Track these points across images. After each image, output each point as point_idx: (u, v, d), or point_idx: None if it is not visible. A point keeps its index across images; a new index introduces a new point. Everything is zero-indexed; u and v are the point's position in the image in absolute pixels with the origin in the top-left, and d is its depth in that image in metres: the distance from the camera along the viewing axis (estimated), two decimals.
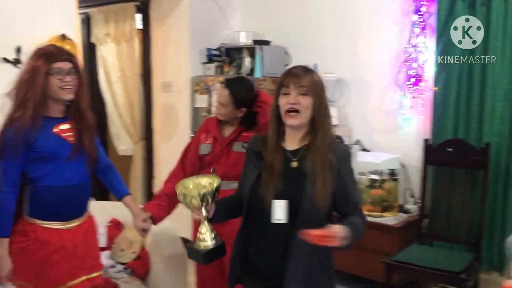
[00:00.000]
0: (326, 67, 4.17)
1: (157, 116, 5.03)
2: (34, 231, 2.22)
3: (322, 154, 1.87)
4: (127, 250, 3.19)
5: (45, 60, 2.15)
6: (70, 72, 2.19)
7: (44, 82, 2.14)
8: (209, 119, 2.89)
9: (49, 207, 2.22)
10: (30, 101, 2.13)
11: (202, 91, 4.46)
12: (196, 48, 4.61)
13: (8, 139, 2.14)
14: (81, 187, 2.30)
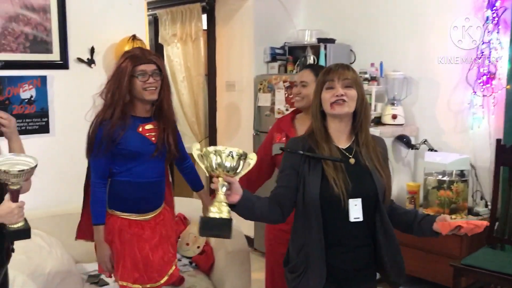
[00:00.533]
0: (393, 65, 4.09)
1: (220, 115, 5.11)
2: (116, 222, 2.36)
3: (373, 147, 1.93)
4: (192, 244, 3.27)
5: (130, 63, 2.26)
6: (153, 73, 2.28)
7: (128, 83, 2.25)
8: (282, 118, 2.82)
9: (126, 200, 2.36)
10: (118, 101, 2.26)
11: (265, 90, 4.49)
12: (260, 47, 4.65)
13: (99, 136, 2.28)
14: (157, 184, 2.42)
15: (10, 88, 3.18)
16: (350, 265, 1.90)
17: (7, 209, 1.87)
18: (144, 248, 2.36)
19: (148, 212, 2.41)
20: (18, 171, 1.85)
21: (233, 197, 1.73)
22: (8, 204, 1.88)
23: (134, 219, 2.38)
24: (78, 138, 3.33)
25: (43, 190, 3.20)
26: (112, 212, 2.38)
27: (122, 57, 2.33)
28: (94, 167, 2.34)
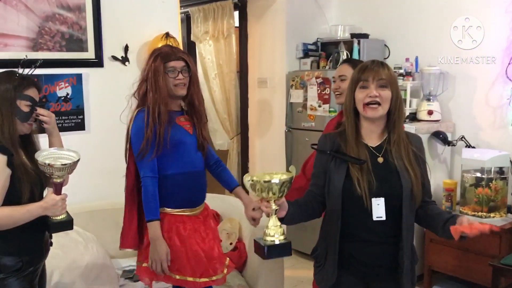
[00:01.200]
0: (428, 60, 4.01)
1: (252, 111, 5.10)
2: (170, 221, 2.33)
3: (405, 146, 1.91)
4: (225, 241, 3.27)
5: (161, 60, 2.29)
6: (182, 70, 2.32)
7: (164, 81, 2.29)
8: (329, 122, 2.75)
9: (176, 195, 2.35)
10: (160, 98, 2.28)
11: (298, 86, 4.46)
12: (292, 43, 4.62)
13: (141, 130, 2.28)
14: (202, 174, 2.44)
15: (47, 86, 3.25)
16: (372, 260, 1.90)
17: (52, 201, 1.95)
18: (204, 242, 2.37)
19: (197, 206, 2.42)
20: (61, 165, 1.94)
21: (281, 214, 1.84)
22: (52, 197, 1.96)
23: (186, 214, 2.37)
24: (112, 135, 3.40)
25: (79, 186, 3.24)
26: (164, 211, 2.34)
27: (152, 55, 2.36)
28: (143, 163, 2.28)
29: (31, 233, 2.00)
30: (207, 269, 2.35)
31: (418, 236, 3.89)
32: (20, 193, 1.94)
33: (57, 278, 2.55)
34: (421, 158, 1.95)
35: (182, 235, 2.33)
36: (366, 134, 1.94)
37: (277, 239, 1.80)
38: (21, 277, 1.96)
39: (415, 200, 1.89)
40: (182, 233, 2.34)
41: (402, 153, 1.89)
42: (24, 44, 3.16)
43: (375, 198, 1.85)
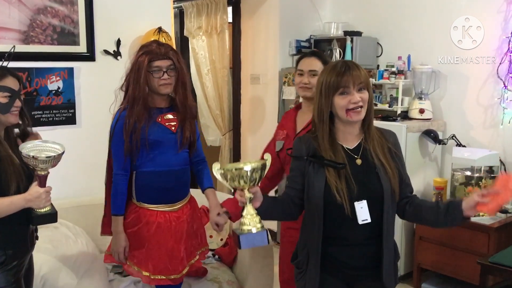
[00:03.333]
0: (420, 58, 4.02)
1: (245, 108, 5.10)
2: (144, 215, 2.38)
3: (381, 143, 1.91)
4: (216, 237, 3.27)
5: (146, 58, 2.28)
6: (168, 69, 2.31)
7: (146, 79, 2.29)
8: (287, 112, 2.74)
9: (153, 191, 2.37)
10: (139, 95, 2.29)
11: (290, 83, 4.46)
12: (285, 40, 4.62)
13: (119, 128, 2.32)
14: (181, 172, 2.42)
15: (38, 80, 3.23)
16: (356, 261, 1.90)
17: (36, 194, 1.93)
18: (170, 240, 2.38)
19: (176, 202, 2.43)
20: (46, 157, 1.92)
21: (255, 204, 1.79)
22: (36, 189, 1.94)
23: (162, 210, 2.39)
24: (103, 130, 3.36)
25: (69, 181, 3.25)
26: (140, 205, 2.40)
27: (139, 50, 2.35)
28: (116, 159, 2.36)
29: (15, 226, 1.98)
30: (166, 267, 2.37)
31: (407, 234, 3.91)
32: (6, 186, 1.93)
33: (45, 272, 2.54)
34: (397, 154, 1.94)
35: (151, 230, 2.37)
36: (343, 136, 1.92)
37: (254, 227, 1.75)
38: (6, 271, 1.95)
39: (395, 197, 1.88)
40: (151, 229, 2.37)
41: (377, 150, 1.88)
42: (16, 36, 3.14)
43: (357, 202, 1.84)
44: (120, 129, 2.32)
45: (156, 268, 2.36)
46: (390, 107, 4.06)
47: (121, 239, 2.37)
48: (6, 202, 1.91)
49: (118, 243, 2.38)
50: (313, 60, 2.49)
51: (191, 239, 2.50)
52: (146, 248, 2.37)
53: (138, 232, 2.37)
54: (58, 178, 2.11)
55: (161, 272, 2.37)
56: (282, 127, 2.63)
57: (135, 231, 2.38)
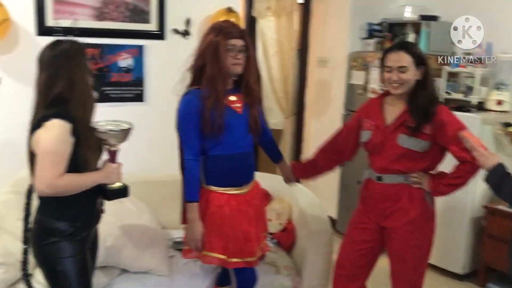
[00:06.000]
0: (502, 46, 3.77)
1: (310, 91, 5.02)
2: (215, 198, 2.35)
3: None
4: (274, 221, 3.25)
5: (223, 37, 2.23)
6: (241, 49, 2.26)
7: (224, 58, 2.23)
8: (370, 102, 2.62)
9: (222, 174, 2.35)
10: (217, 75, 2.24)
11: (359, 68, 4.33)
12: (357, 23, 4.47)
13: (190, 111, 2.28)
14: (248, 155, 2.43)
15: (109, 56, 3.30)
16: None
17: (110, 169, 2.02)
18: (243, 223, 2.37)
19: (244, 185, 2.41)
20: (120, 130, 2.02)
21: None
22: (109, 165, 2.03)
23: (232, 193, 2.37)
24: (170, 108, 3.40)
25: (135, 157, 3.32)
26: (210, 188, 2.36)
27: (212, 30, 2.30)
28: (187, 144, 2.32)
29: (84, 200, 2.05)
30: (242, 250, 2.36)
31: (474, 230, 3.73)
32: (84, 161, 1.99)
33: (109, 244, 2.62)
34: None
35: (224, 213, 2.34)
36: None
37: None
38: (73, 241, 2.02)
39: None
40: (224, 212, 2.34)
41: None
42: (90, 13, 3.21)
43: None
44: (190, 112, 2.27)
45: (232, 251, 2.34)
46: (465, 97, 3.85)
47: (198, 226, 2.31)
48: (83, 178, 1.97)
49: (196, 230, 2.31)
50: (401, 55, 2.35)
51: (260, 222, 2.50)
52: (221, 231, 2.34)
53: (211, 216, 2.34)
54: (124, 154, 2.15)
55: (237, 254, 2.35)
56: (368, 116, 2.53)
57: (208, 215, 2.34)
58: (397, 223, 2.43)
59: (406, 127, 2.35)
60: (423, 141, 2.34)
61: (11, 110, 3.02)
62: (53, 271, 2.00)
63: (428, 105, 2.33)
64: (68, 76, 1.95)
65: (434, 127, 2.32)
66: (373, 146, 2.48)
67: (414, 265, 2.47)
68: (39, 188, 1.89)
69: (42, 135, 1.89)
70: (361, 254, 2.58)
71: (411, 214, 2.41)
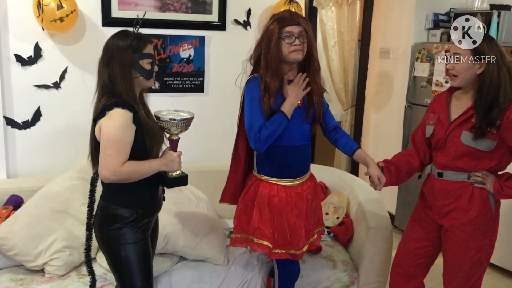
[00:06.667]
0: None
1: (371, 83, 4.90)
2: (265, 187, 2.36)
3: None
4: (332, 214, 3.21)
5: (277, 25, 2.22)
6: (299, 35, 2.22)
7: (277, 45, 2.21)
8: (439, 95, 2.52)
9: (274, 165, 2.35)
10: (271, 63, 2.22)
11: (424, 59, 4.17)
12: (422, 12, 4.29)
13: (253, 96, 2.26)
14: (303, 148, 2.39)
15: (171, 47, 3.35)
16: None
17: (171, 157, 2.07)
18: (291, 215, 2.35)
19: (296, 178, 2.39)
20: (180, 119, 2.06)
21: None
22: (170, 153, 2.08)
23: (282, 184, 2.36)
24: (229, 98, 3.45)
25: (194, 146, 3.37)
26: (261, 177, 2.38)
27: (270, 19, 2.29)
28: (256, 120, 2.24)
29: (146, 188, 2.09)
30: (287, 242, 2.35)
31: None
32: (146, 149, 2.03)
33: (168, 231, 2.67)
34: None
35: (273, 205, 2.34)
36: None
37: None
38: (136, 228, 2.07)
39: None
40: (273, 203, 2.34)
41: None
42: (153, 4, 3.26)
43: None
44: (254, 97, 2.26)
45: (277, 241, 2.35)
46: None
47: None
48: (147, 165, 2.02)
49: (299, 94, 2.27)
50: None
51: (311, 217, 2.47)
52: (269, 220, 2.35)
53: (260, 205, 2.36)
54: (184, 143, 2.18)
55: (281, 246, 2.35)
56: (433, 110, 2.45)
57: (258, 204, 2.36)
58: (455, 222, 2.34)
59: (471, 124, 2.24)
60: (489, 140, 2.21)
61: (77, 98, 3.12)
62: (116, 256, 2.06)
63: (494, 104, 2.17)
64: (111, 69, 2.00)
65: (502, 126, 2.18)
66: (436, 142, 2.40)
67: (470, 268, 2.35)
68: (103, 174, 1.94)
69: (105, 123, 1.94)
70: (418, 253, 2.50)
71: (470, 214, 2.30)
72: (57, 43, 3.06)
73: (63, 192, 2.75)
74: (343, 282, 2.85)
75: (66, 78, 3.12)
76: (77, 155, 2.94)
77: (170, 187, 2.18)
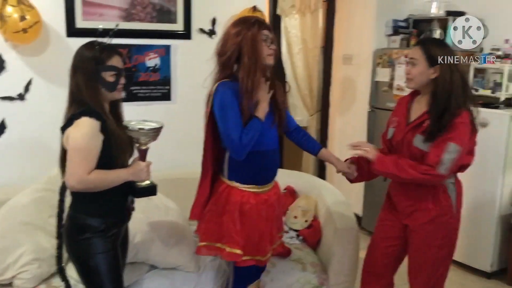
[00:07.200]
0: None
1: (335, 88, 5.01)
2: (236, 194, 2.32)
3: None
4: (300, 218, 3.27)
5: (258, 27, 2.20)
6: (273, 40, 2.25)
7: (261, 48, 2.20)
8: (401, 98, 2.58)
9: (246, 171, 2.31)
10: (256, 66, 2.18)
11: (385, 65, 4.30)
12: (382, 19, 4.44)
13: (230, 100, 2.19)
14: (275, 152, 2.39)
15: (137, 56, 3.36)
16: None
17: (139, 167, 2.07)
18: (260, 222, 2.35)
19: (266, 184, 2.39)
20: (149, 129, 2.07)
21: None
22: (139, 163, 2.08)
23: (252, 191, 2.34)
24: (197, 106, 3.43)
25: (162, 154, 3.37)
26: (232, 184, 2.34)
27: (243, 22, 2.24)
28: (235, 126, 2.17)
29: (115, 197, 2.10)
30: (255, 249, 2.33)
31: (503, 228, 3.69)
32: (113, 158, 2.04)
33: (138, 240, 2.67)
34: None
35: (244, 212, 2.31)
36: None
37: None
38: (105, 238, 2.07)
39: None
40: (244, 210, 2.31)
41: None
42: (118, 14, 3.27)
43: None
44: (232, 102, 2.18)
45: (247, 249, 2.32)
46: (492, 94, 3.80)
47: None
48: (113, 175, 2.02)
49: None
50: (416, 48, 2.36)
51: (276, 223, 2.48)
52: (240, 227, 2.31)
53: (230, 213, 2.32)
54: (152, 151, 2.20)
55: (249, 253, 2.33)
56: (395, 114, 2.53)
57: (228, 211, 2.32)
58: (418, 222, 2.42)
59: (424, 128, 2.31)
60: None
61: (42, 109, 3.10)
62: (85, 267, 2.06)
63: (446, 109, 2.24)
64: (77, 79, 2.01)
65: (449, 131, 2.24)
66: (396, 144, 2.47)
67: (432, 266, 2.43)
68: (70, 183, 1.95)
69: (72, 132, 1.95)
70: (386, 252, 2.58)
71: (431, 214, 2.38)
72: (20, 54, 3.04)
73: (30, 204, 2.72)
74: (313, 284, 2.90)
75: (31, 90, 3.10)
76: (44, 166, 2.91)
77: (139, 197, 2.18)
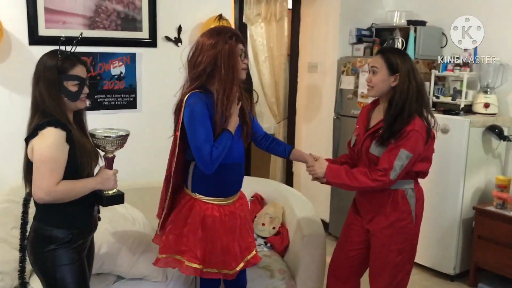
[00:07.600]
0: (487, 50, 3.83)
1: (301, 96, 5.06)
2: (199, 207, 2.28)
3: None
4: (268, 225, 3.28)
5: (235, 40, 2.16)
6: (246, 54, 2.23)
7: (238, 62, 2.18)
8: (363, 107, 2.63)
9: (211, 184, 2.27)
10: (232, 81, 2.15)
11: (349, 73, 4.38)
12: (346, 28, 4.52)
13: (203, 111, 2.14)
14: (241, 165, 2.37)
15: (101, 64, 3.33)
16: None
17: (106, 176, 2.05)
18: (225, 235, 2.29)
19: (231, 196, 2.36)
20: (116, 136, 2.05)
21: None
22: (106, 171, 2.05)
23: (217, 203, 2.30)
24: (163, 114, 3.41)
25: (128, 163, 3.32)
26: (195, 196, 2.29)
27: (221, 33, 2.17)
28: (207, 138, 2.13)
29: (82, 207, 2.07)
30: (219, 262, 2.28)
31: (465, 232, 3.78)
32: (80, 168, 2.01)
33: (104, 251, 2.63)
34: None
35: (206, 225, 2.26)
36: None
37: None
38: (71, 249, 2.03)
39: None
40: (207, 223, 2.26)
41: None
42: (81, 22, 3.23)
43: None
44: (204, 113, 2.13)
45: (209, 261, 2.27)
46: (453, 100, 3.92)
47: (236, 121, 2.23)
48: (81, 184, 2.00)
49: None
50: (377, 57, 2.42)
51: (245, 234, 2.42)
52: (200, 240, 2.26)
53: (192, 225, 2.27)
54: (117, 160, 2.18)
55: (214, 266, 2.27)
56: (358, 122, 2.59)
57: (190, 224, 2.27)
58: (378, 227, 2.48)
59: (379, 134, 2.37)
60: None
61: (4, 119, 3.03)
62: (51, 279, 2.02)
63: (399, 116, 2.30)
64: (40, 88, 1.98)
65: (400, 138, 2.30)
66: (356, 151, 2.53)
67: (392, 270, 2.47)
68: (38, 195, 1.91)
69: (38, 143, 1.91)
70: (351, 256, 2.63)
71: (390, 219, 2.43)
72: None
73: None
74: None
75: None
76: (5, 178, 2.84)
77: (106, 206, 2.16)
